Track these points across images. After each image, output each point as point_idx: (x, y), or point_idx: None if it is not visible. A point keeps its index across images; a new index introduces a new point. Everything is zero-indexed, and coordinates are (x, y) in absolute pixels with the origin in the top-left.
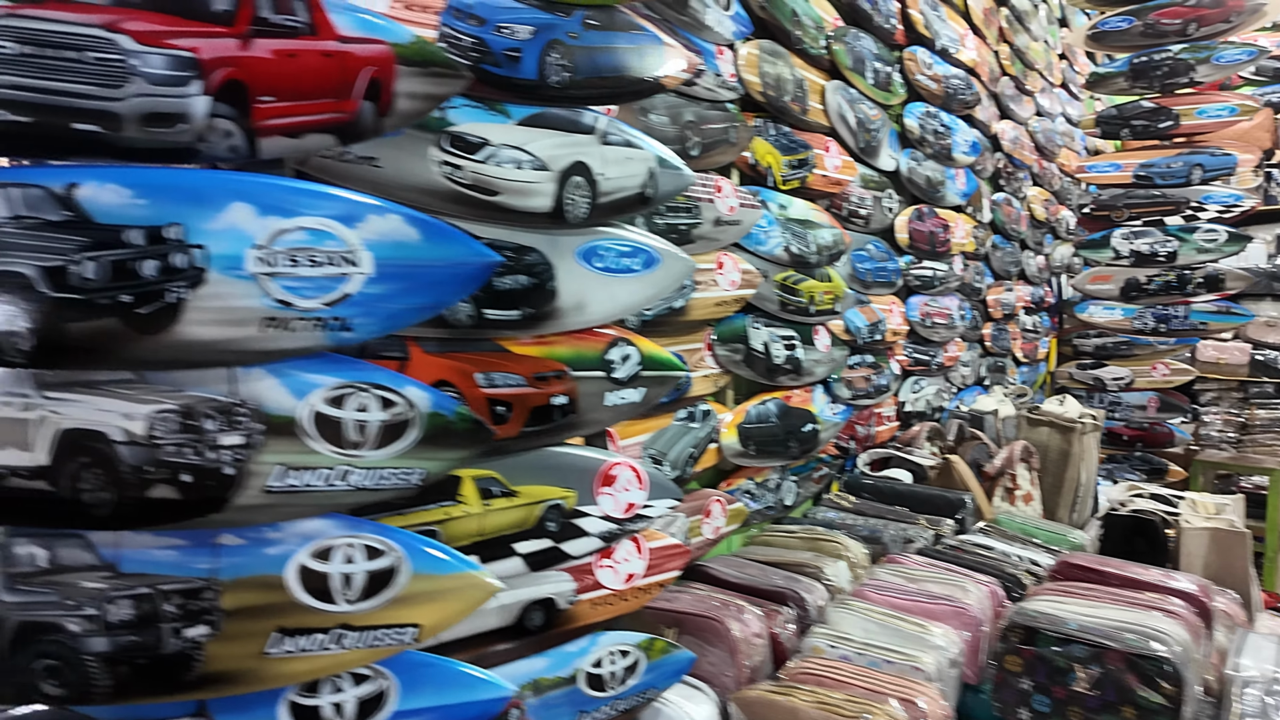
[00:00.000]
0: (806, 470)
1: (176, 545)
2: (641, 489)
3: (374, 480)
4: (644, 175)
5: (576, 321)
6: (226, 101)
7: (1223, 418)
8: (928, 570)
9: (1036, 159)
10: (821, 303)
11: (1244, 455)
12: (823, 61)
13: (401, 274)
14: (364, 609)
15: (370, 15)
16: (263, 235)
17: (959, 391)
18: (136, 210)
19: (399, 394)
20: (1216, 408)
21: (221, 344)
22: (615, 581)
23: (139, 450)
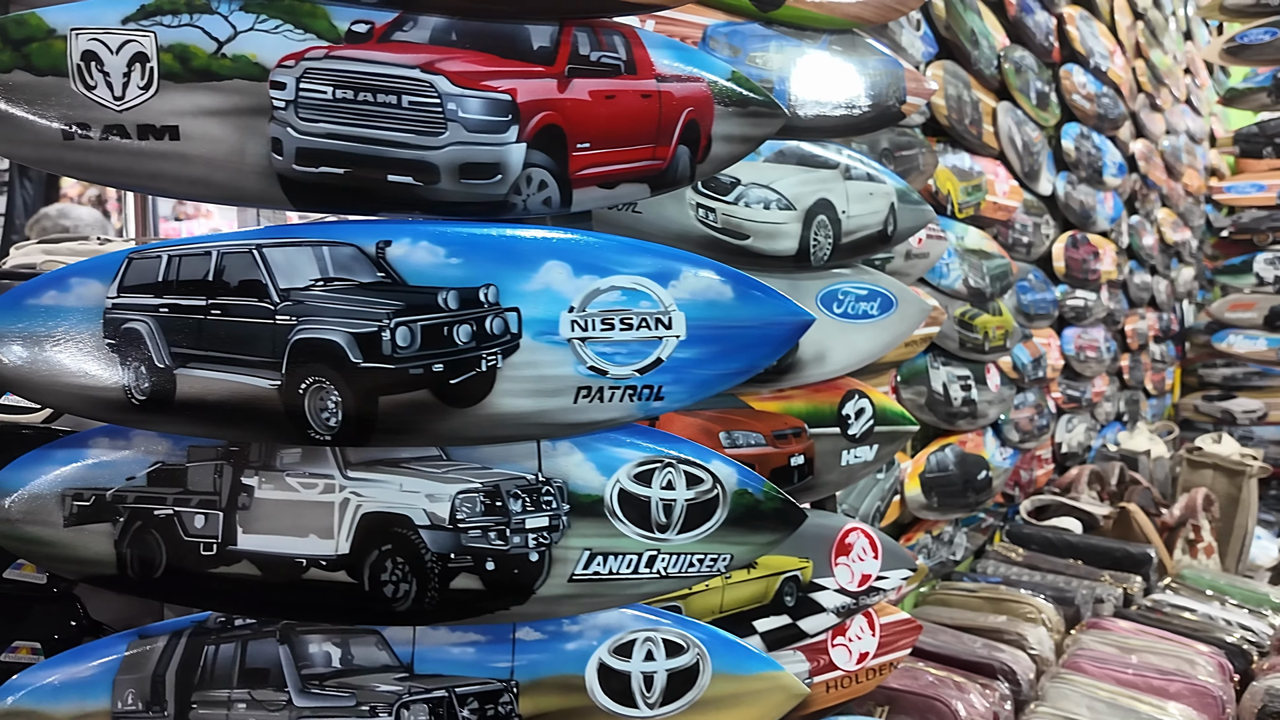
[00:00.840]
0: (974, 521)
1: (473, 642)
2: (875, 558)
3: (680, 567)
4: (885, 212)
5: (816, 374)
6: (543, 149)
7: None
8: (1140, 638)
9: (1165, 179)
10: (994, 339)
11: None
12: (991, 82)
13: (714, 336)
14: (665, 713)
15: (690, 49)
16: (577, 297)
17: (1102, 428)
18: (450, 270)
19: (705, 468)
20: None
21: (532, 417)
22: (849, 661)
23: (443, 535)
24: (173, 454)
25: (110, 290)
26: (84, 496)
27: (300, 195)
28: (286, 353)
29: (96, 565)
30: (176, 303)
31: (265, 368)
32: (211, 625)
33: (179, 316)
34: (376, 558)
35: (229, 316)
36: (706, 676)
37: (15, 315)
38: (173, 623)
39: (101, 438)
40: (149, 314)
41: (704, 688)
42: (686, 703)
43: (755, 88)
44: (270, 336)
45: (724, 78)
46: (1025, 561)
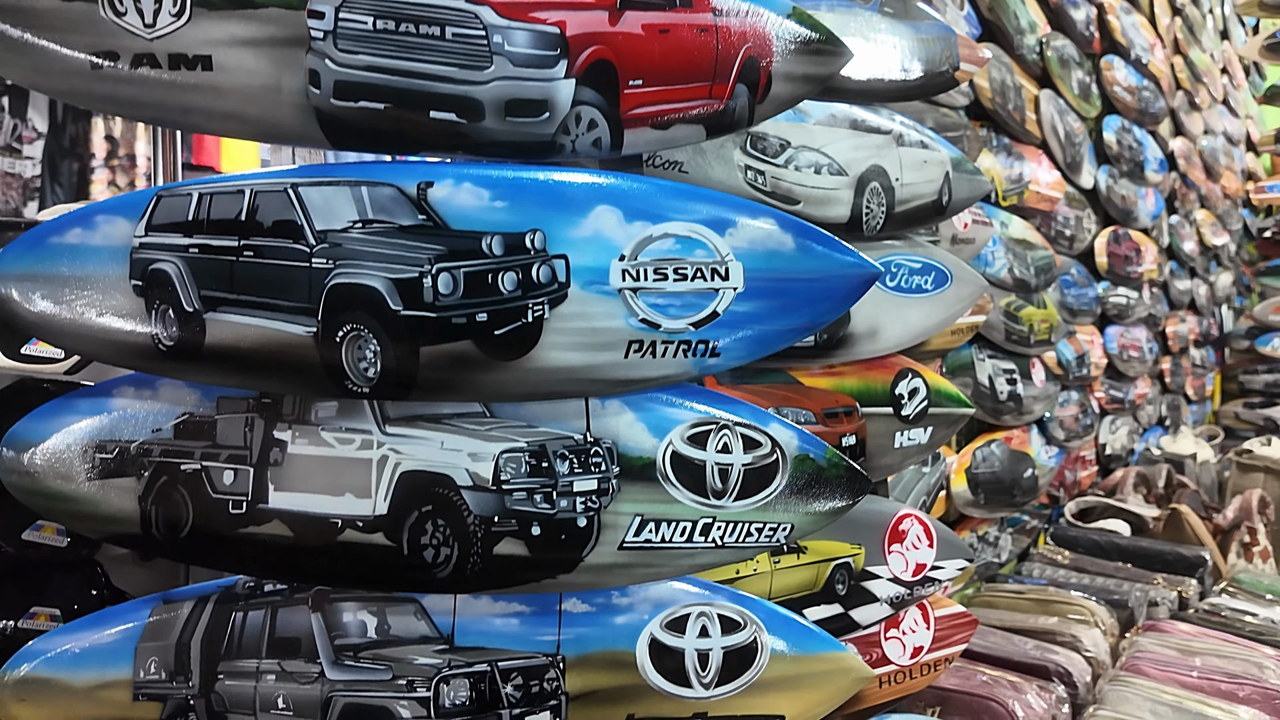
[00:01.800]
0: (1018, 523)
1: (517, 613)
2: (930, 546)
3: (737, 536)
4: (940, 180)
5: (868, 350)
6: (593, 86)
7: None
8: (1202, 641)
9: (1204, 179)
10: (1039, 332)
11: None
12: (1034, 69)
13: (774, 289)
14: (721, 694)
15: None
16: (628, 245)
17: (1144, 432)
18: (495, 214)
19: (763, 432)
20: None
21: (581, 372)
22: (903, 656)
23: (486, 497)
24: (201, 405)
25: (138, 229)
26: (107, 449)
27: (338, 132)
28: (323, 299)
29: (120, 523)
30: (207, 243)
31: (300, 314)
32: (240, 591)
33: (209, 258)
34: (416, 519)
35: (262, 259)
36: (765, 656)
37: (39, 254)
38: (199, 587)
39: (126, 387)
40: (178, 254)
41: (763, 668)
42: (744, 684)
43: (817, 24)
44: (306, 281)
45: (784, 13)
46: (1072, 564)
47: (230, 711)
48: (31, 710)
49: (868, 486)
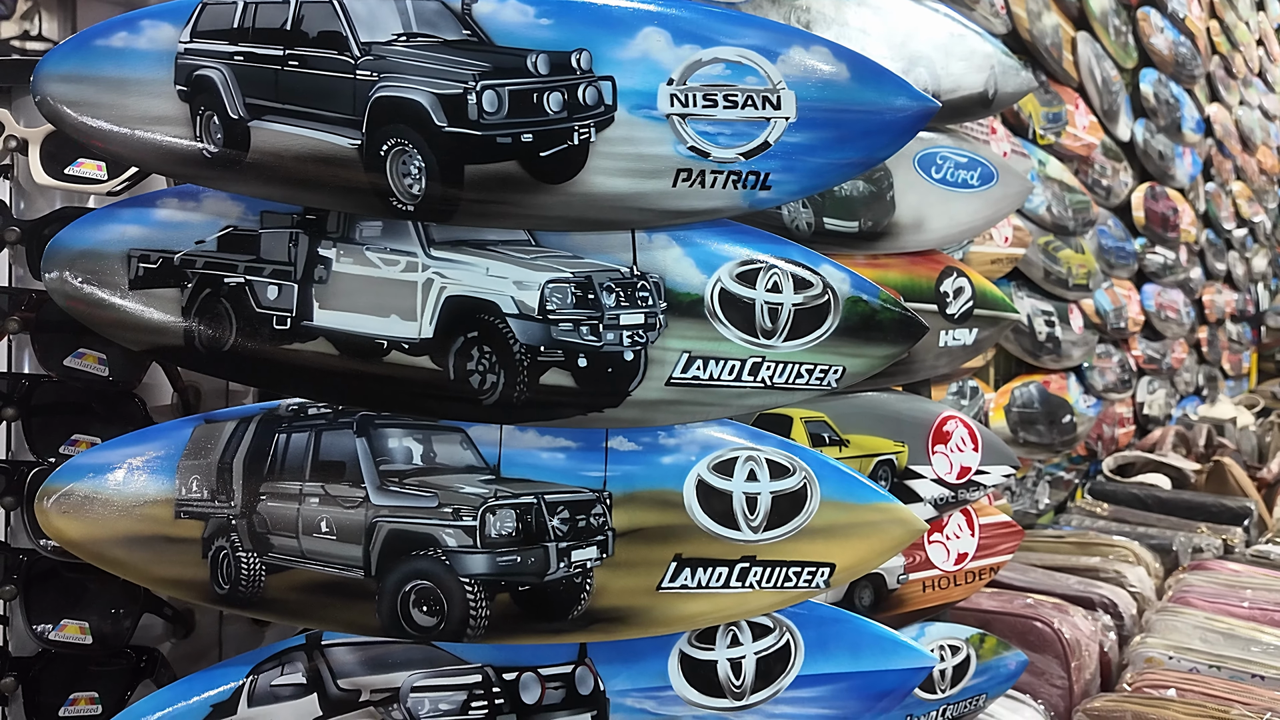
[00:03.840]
0: (1058, 470)
1: (564, 448)
2: (975, 450)
3: (787, 377)
4: (986, 71)
5: (915, 241)
6: None
7: None
8: (1253, 576)
9: (1240, 151)
10: (1077, 276)
11: None
12: (1071, 9)
13: (827, 120)
14: (770, 539)
15: None
16: (677, 68)
17: (1181, 400)
18: (541, 32)
19: (815, 272)
20: None
21: (628, 199)
22: (946, 561)
23: (532, 326)
24: (245, 219)
25: (183, 35)
26: (150, 259)
27: None
28: (367, 111)
29: (163, 334)
30: (252, 51)
31: (345, 125)
32: (284, 413)
33: (254, 66)
34: (462, 345)
35: (307, 69)
36: (815, 502)
37: (84, 56)
38: (242, 409)
39: (171, 198)
40: (223, 61)
41: (813, 513)
42: (794, 529)
43: None
44: (350, 92)
45: None
46: (1111, 515)
47: (272, 533)
48: (73, 523)
49: (922, 331)
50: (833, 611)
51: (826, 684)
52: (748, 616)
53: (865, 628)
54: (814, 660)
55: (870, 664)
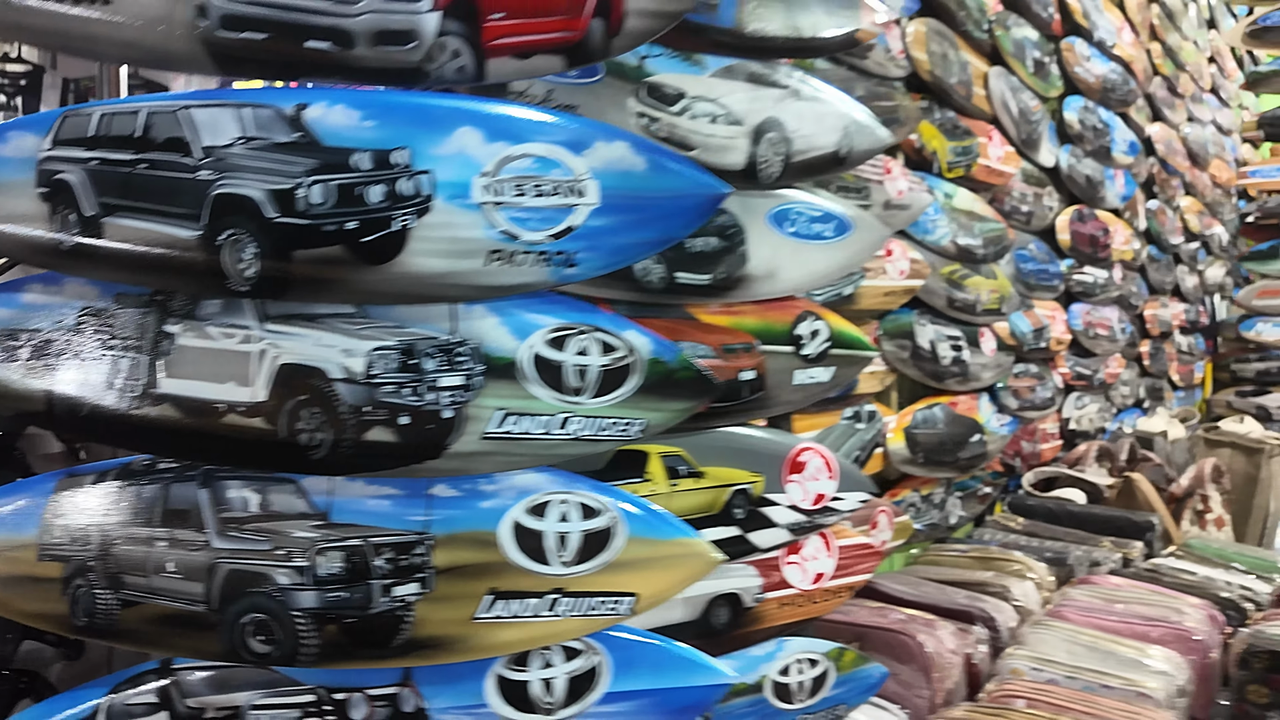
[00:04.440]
0: (971, 486)
1: (389, 495)
2: (831, 478)
3: (593, 429)
4: (839, 133)
5: (767, 290)
6: (457, 18)
7: None
8: (1130, 591)
9: (1189, 167)
10: (988, 302)
11: None
12: (984, 46)
13: (628, 205)
14: (579, 572)
15: None
16: (490, 162)
17: (1119, 413)
18: (365, 133)
19: (619, 338)
20: None
21: (445, 277)
22: (803, 580)
23: (358, 389)
24: (101, 300)
25: (45, 143)
26: (16, 336)
27: (224, 60)
28: (207, 206)
29: (28, 402)
30: (106, 156)
31: (188, 218)
32: (137, 467)
33: (107, 169)
34: (293, 407)
35: (155, 170)
36: (621, 539)
37: None
38: (101, 464)
39: (35, 284)
40: (79, 165)
41: (618, 550)
42: (600, 563)
43: None
44: (193, 190)
45: None
46: (1024, 530)
47: (125, 573)
48: None
49: (716, 389)
50: (640, 634)
51: (632, 700)
52: (558, 641)
53: (669, 649)
54: (621, 679)
55: (672, 681)
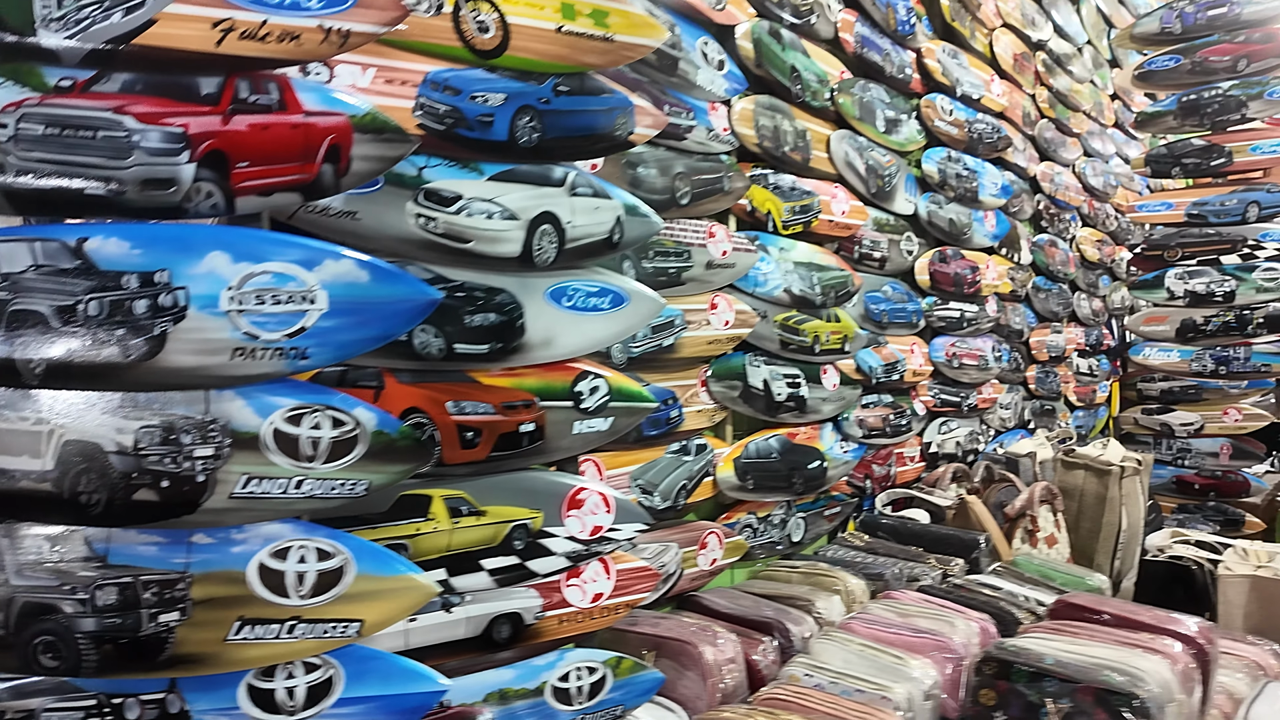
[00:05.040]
0: (818, 507)
1: (157, 542)
2: (608, 513)
3: (324, 489)
4: (611, 223)
5: (544, 355)
6: (209, 168)
7: None
8: (921, 606)
9: (1086, 199)
10: (828, 343)
11: None
12: (825, 113)
13: (352, 310)
14: (314, 604)
15: (332, 91)
16: (235, 278)
17: (1000, 434)
18: (133, 259)
19: (348, 414)
20: None
21: (198, 370)
22: (582, 600)
23: (128, 459)
24: None
25: None
26: None
27: (21, 204)
28: (3, 320)
29: None
30: None
31: None
32: None
33: None
34: (75, 474)
35: None
36: (351, 576)
37: None
38: None
39: None
40: None
41: (348, 585)
42: (332, 596)
43: (386, 120)
44: None
45: (361, 113)
46: (867, 547)
47: None
48: None
49: (430, 457)
50: (371, 651)
51: (362, 704)
52: (297, 658)
53: (395, 662)
54: (352, 687)
55: (397, 689)
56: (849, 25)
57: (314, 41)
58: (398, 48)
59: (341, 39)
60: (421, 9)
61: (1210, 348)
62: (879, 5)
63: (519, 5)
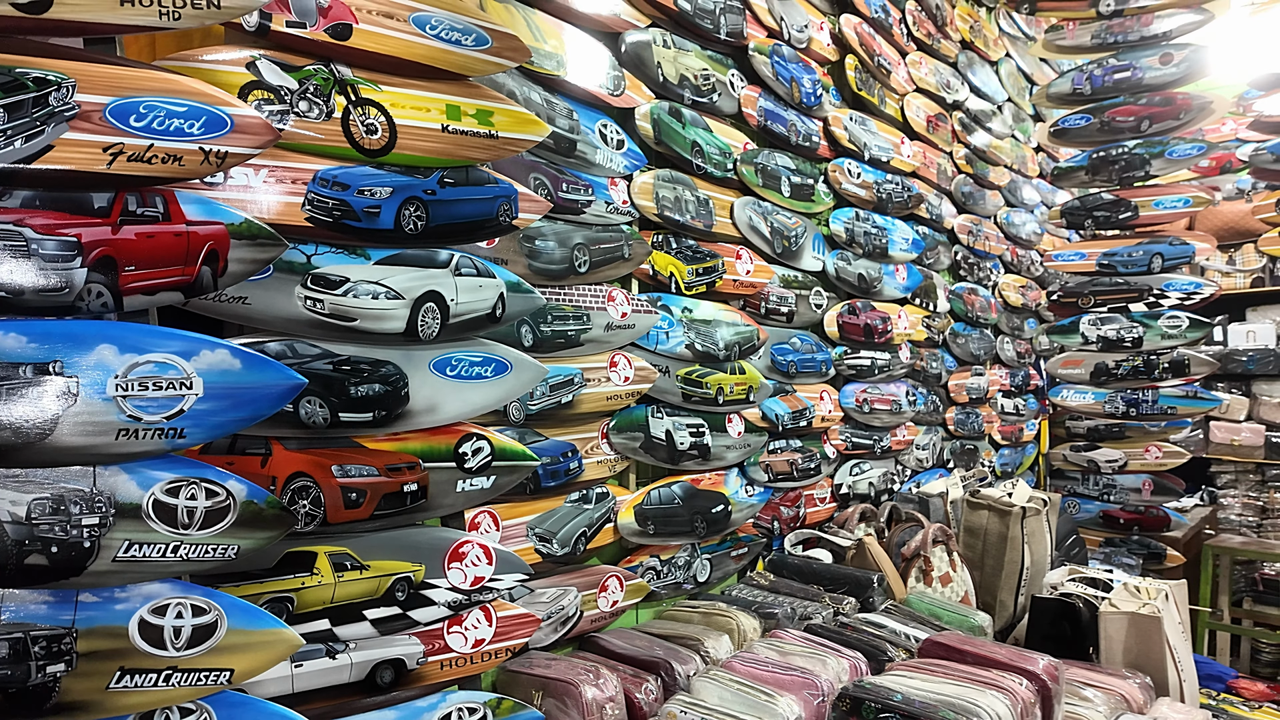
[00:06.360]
0: (724, 548)
1: (46, 600)
2: (489, 564)
3: (199, 553)
4: (494, 299)
5: (428, 421)
6: (100, 271)
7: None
8: (802, 645)
9: (1009, 247)
10: (733, 394)
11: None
12: (729, 181)
13: (225, 394)
14: (189, 655)
15: (212, 202)
16: (121, 368)
17: (917, 474)
18: (30, 350)
19: (221, 486)
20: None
21: (86, 448)
22: (464, 645)
23: (21, 528)
24: None
25: None
26: None
27: None
28: None
29: None
30: None
31: None
32: None
33: None
34: None
35: None
36: (223, 630)
37: None
38: None
39: None
40: None
41: (220, 637)
42: (205, 648)
43: (261, 228)
44: None
45: (238, 222)
46: (770, 586)
47: None
48: None
49: (293, 522)
50: (241, 697)
51: None
52: (174, 704)
53: (264, 707)
54: None
55: None
56: (752, 101)
57: (195, 162)
58: (290, 150)
59: (220, 159)
60: (312, 115)
61: (1121, 390)
62: (783, 80)
63: (405, 108)
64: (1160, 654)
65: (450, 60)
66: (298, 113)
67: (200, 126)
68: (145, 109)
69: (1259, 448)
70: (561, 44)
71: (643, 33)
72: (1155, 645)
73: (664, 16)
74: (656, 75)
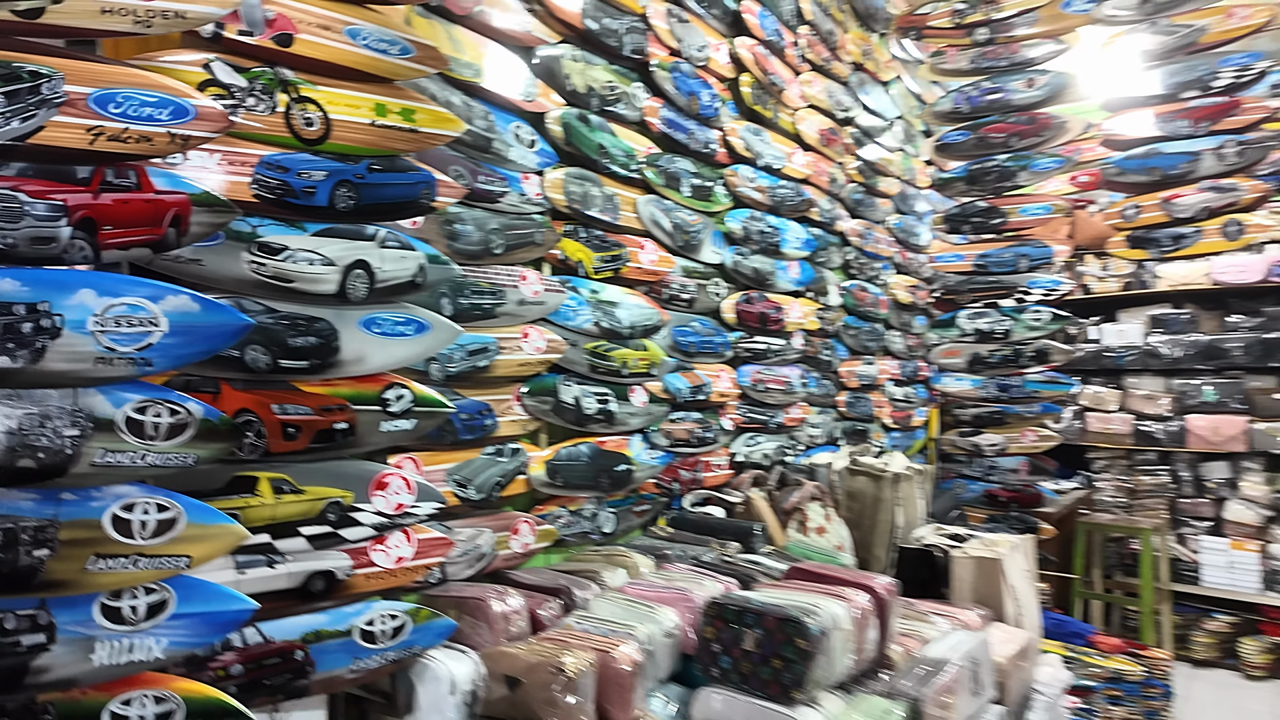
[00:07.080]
0: (627, 504)
1: (34, 498)
2: (410, 494)
3: (163, 460)
4: (415, 269)
5: (356, 370)
6: (82, 230)
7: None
8: (685, 573)
9: (899, 250)
10: (635, 367)
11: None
12: (639, 181)
13: (186, 331)
14: (153, 544)
15: (177, 176)
16: (99, 308)
17: (810, 449)
18: (22, 293)
19: (183, 406)
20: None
21: (69, 373)
22: (386, 561)
23: (13, 437)
24: None
25: None
26: None
27: None
28: None
29: None
30: None
31: None
32: None
33: None
34: None
35: None
36: (182, 524)
37: None
38: None
39: None
40: None
41: (180, 530)
42: (167, 539)
43: (215, 197)
44: None
45: (199, 192)
46: (670, 537)
47: None
48: None
49: (240, 437)
50: (197, 580)
51: (188, 618)
52: (139, 583)
53: (215, 588)
54: (182, 605)
55: (216, 608)
56: (654, 111)
57: (163, 143)
58: (240, 138)
59: (184, 141)
60: (259, 109)
61: (994, 377)
62: (682, 94)
63: (339, 105)
64: (999, 591)
65: (378, 66)
66: (246, 107)
67: (168, 114)
68: (122, 98)
69: (1129, 435)
70: (480, 56)
71: (554, 48)
72: (995, 584)
73: (574, 34)
74: (566, 86)
